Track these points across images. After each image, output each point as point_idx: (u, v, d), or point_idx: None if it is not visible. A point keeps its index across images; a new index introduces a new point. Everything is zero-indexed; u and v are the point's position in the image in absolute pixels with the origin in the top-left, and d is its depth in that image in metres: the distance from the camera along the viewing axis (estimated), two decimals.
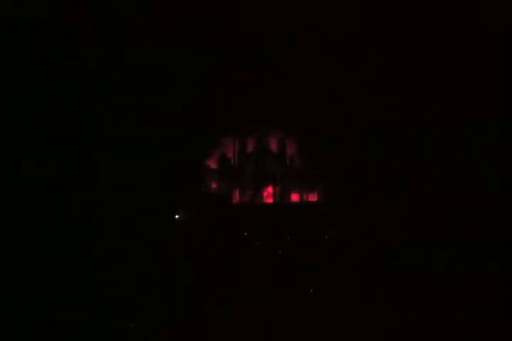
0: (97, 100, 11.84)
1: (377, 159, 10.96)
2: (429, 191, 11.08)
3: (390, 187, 11.07)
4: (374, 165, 11.14)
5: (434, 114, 11.50)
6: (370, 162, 11.15)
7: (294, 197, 12.31)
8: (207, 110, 12.01)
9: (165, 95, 12.06)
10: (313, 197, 12.21)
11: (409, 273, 10.37)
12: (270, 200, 12.25)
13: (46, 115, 11.39)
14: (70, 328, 9.70)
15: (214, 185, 12.30)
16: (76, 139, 11.55)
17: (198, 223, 11.57)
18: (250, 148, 12.58)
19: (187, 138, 11.99)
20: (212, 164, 12.37)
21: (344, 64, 11.81)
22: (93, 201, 11.14)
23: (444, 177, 11.19)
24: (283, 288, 10.20)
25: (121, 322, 9.83)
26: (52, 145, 11.31)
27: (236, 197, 12.32)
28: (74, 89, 11.68)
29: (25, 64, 11.65)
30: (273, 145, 12.60)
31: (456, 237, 10.64)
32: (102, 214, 11.39)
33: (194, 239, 11.12)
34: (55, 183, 11.19)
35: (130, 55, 11.91)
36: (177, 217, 11.71)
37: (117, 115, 11.90)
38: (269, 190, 12.38)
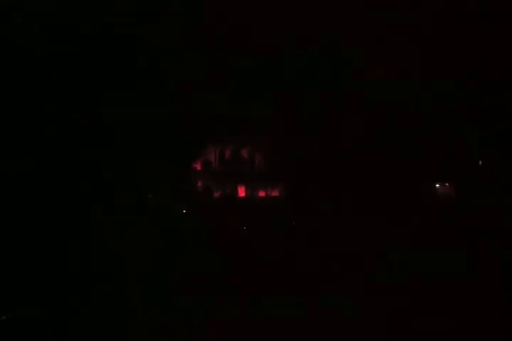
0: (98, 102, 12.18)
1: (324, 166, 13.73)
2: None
3: (336, 189, 13.74)
4: (322, 169, 13.61)
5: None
6: (319, 168, 13.69)
7: (261, 193, 14.64)
8: (196, 124, 13.55)
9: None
10: (275, 193, 14.60)
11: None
12: (243, 195, 14.66)
13: (46, 115, 11.78)
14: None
15: (199, 184, 14.45)
16: (77, 140, 12.22)
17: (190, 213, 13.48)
18: (227, 155, 14.75)
19: (179, 147, 13.63)
20: (198, 167, 14.50)
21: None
22: (95, 197, 12.16)
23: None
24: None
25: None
26: (49, 145, 11.90)
27: (216, 192, 14.50)
28: (73, 90, 11.99)
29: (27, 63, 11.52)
30: (245, 154, 14.76)
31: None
32: (104, 209, 12.12)
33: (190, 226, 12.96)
34: (57, 183, 11.81)
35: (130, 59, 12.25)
36: (184, 211, 13.43)
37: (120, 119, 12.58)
38: (242, 187, 14.67)
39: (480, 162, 13.21)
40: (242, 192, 14.75)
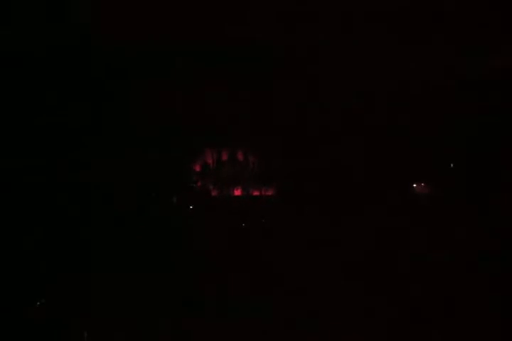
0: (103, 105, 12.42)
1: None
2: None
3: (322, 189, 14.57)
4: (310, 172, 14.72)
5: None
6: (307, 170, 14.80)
7: (255, 193, 15.66)
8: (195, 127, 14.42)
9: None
10: (269, 192, 15.66)
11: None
12: (238, 194, 15.74)
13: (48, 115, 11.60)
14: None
15: (198, 183, 15.44)
16: (82, 141, 12.32)
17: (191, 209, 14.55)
18: (224, 157, 15.69)
19: (180, 149, 14.62)
20: (197, 168, 15.44)
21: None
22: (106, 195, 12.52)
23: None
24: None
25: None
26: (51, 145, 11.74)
27: (214, 191, 15.54)
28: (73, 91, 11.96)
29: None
30: (240, 156, 15.73)
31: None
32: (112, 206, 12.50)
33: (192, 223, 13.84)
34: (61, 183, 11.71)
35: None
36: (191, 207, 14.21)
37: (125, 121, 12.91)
38: (238, 187, 15.69)
39: (451, 164, 14.19)
40: (238, 191, 15.88)
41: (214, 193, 15.60)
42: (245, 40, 12.73)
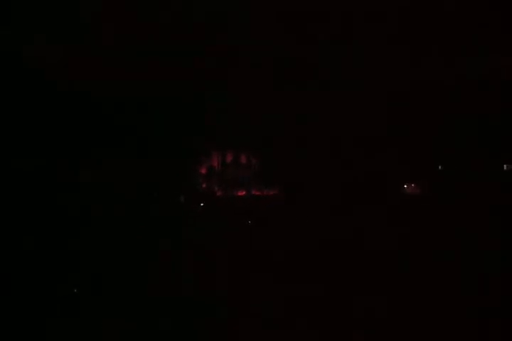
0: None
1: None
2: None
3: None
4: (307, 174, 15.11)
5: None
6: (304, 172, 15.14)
7: (257, 192, 16.00)
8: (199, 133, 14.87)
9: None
10: (270, 193, 15.96)
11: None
12: (242, 194, 16.04)
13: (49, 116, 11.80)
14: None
15: (204, 185, 15.80)
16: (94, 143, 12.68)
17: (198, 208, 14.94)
18: (229, 159, 16.04)
19: (187, 152, 15.05)
20: (203, 170, 15.81)
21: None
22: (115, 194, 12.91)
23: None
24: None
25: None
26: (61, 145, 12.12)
27: (218, 192, 15.84)
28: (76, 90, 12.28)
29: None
30: (243, 159, 16.12)
31: None
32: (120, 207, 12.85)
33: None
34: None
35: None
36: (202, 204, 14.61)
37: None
38: (242, 187, 15.97)
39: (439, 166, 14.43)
40: (241, 192, 16.18)
41: (219, 193, 15.92)
42: (245, 40, 12.94)
